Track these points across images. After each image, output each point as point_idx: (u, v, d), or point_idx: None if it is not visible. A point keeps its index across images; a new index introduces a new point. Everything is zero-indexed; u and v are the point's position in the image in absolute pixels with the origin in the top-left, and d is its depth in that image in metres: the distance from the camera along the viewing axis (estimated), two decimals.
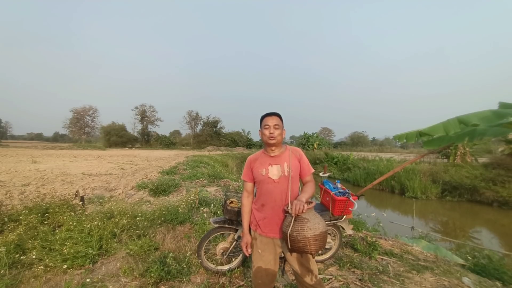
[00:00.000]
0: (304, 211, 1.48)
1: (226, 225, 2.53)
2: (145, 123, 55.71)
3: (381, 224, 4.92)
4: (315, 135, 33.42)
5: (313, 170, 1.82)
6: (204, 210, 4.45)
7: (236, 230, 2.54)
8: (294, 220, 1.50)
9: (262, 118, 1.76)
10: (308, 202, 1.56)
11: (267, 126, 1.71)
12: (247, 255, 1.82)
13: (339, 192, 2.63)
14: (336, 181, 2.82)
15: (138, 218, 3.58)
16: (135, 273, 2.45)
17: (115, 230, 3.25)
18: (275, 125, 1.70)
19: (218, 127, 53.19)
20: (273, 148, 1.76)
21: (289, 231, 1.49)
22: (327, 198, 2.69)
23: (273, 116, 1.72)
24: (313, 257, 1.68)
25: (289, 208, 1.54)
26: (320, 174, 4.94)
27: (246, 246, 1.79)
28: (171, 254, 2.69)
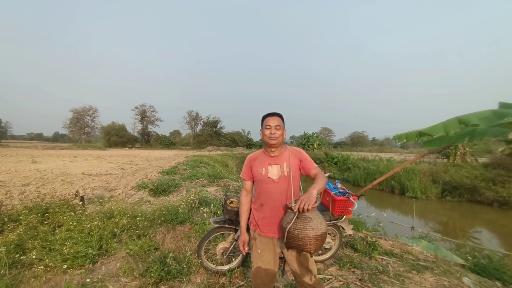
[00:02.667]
0: (309, 209, 1.45)
1: (226, 225, 2.53)
2: (145, 123, 55.66)
3: (381, 224, 4.92)
4: (315, 135, 33.45)
5: (316, 166, 1.80)
6: (204, 210, 4.44)
7: (236, 230, 2.54)
8: (297, 217, 1.48)
9: (264, 118, 1.75)
10: None
11: (268, 126, 1.70)
12: (244, 254, 1.81)
13: (339, 192, 2.63)
14: (336, 181, 2.82)
15: (138, 218, 3.58)
16: (135, 273, 2.45)
17: (115, 230, 3.25)
18: (277, 125, 1.70)
19: (218, 127, 53.09)
20: (274, 148, 1.75)
21: (289, 227, 1.47)
22: (327, 198, 2.69)
23: (274, 117, 1.72)
24: (311, 257, 1.67)
25: (292, 204, 1.52)
26: None
27: (244, 245, 1.79)
28: (171, 254, 2.69)
